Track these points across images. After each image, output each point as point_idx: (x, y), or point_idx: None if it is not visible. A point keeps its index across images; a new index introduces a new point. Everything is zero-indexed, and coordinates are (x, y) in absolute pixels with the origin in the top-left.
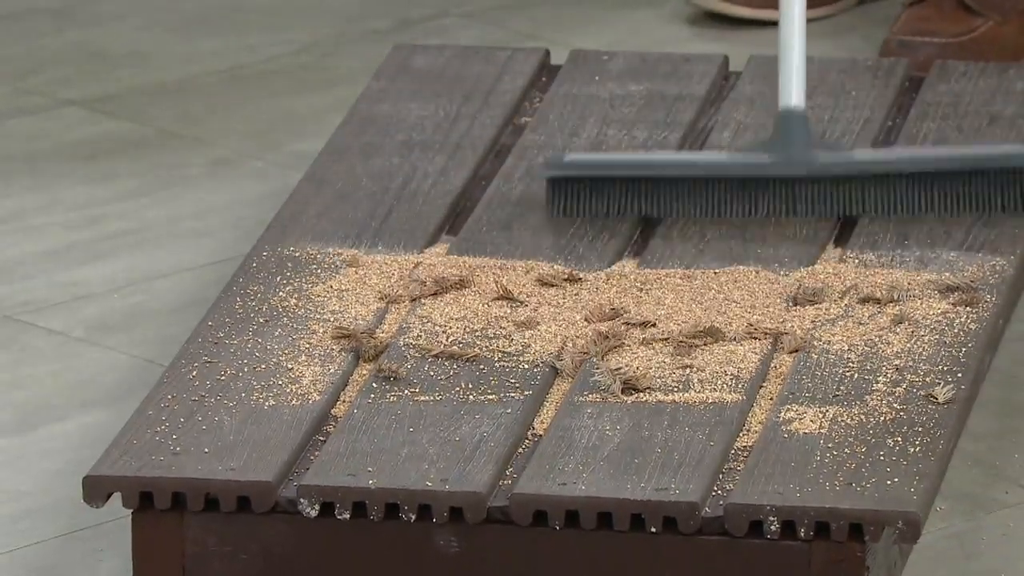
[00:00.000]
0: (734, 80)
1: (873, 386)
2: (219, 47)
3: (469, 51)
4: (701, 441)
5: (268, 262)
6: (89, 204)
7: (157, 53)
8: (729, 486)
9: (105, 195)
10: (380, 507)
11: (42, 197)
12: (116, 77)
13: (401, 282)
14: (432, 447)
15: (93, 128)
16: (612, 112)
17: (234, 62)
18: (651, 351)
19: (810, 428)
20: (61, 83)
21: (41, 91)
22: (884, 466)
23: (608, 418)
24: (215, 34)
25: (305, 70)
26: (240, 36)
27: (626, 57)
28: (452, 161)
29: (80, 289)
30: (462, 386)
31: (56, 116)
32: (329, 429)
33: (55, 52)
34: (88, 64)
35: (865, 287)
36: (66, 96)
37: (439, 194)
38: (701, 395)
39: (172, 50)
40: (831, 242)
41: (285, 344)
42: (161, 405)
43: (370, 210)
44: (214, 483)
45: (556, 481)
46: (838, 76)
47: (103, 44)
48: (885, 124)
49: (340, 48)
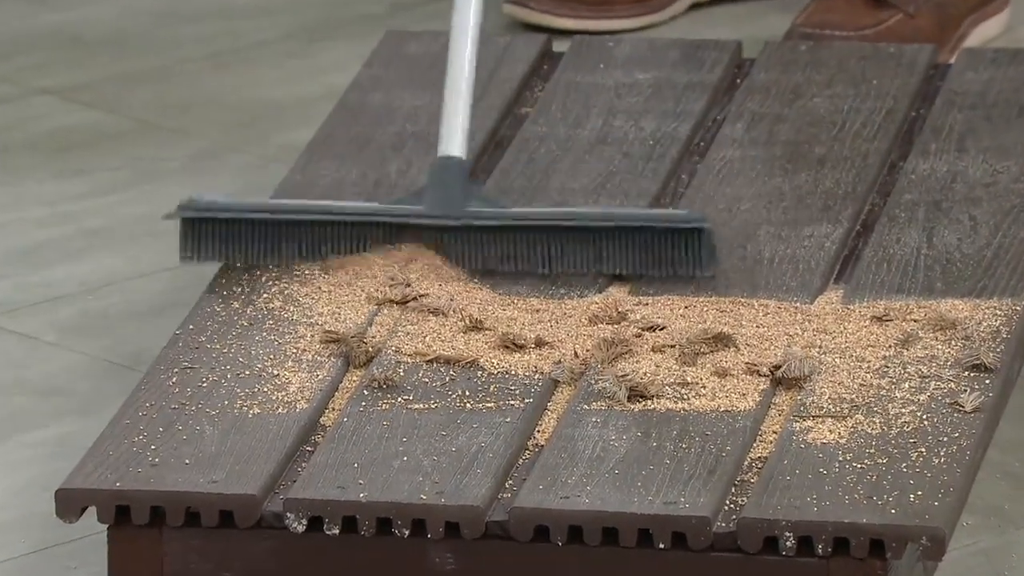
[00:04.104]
0: (748, 67)
1: (895, 393)
2: (201, 32)
3: None
4: (713, 452)
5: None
6: (62, 199)
7: (135, 38)
8: (742, 500)
9: (79, 190)
10: (371, 522)
11: (11, 192)
12: (92, 64)
13: (392, 282)
14: (427, 458)
15: (67, 118)
16: (618, 102)
17: (217, 48)
18: (659, 356)
19: (828, 438)
20: (33, 70)
21: (12, 79)
22: (907, 478)
23: (614, 427)
24: (196, 19)
25: (292, 57)
26: (223, 20)
27: (633, 43)
28: None
29: (52, 290)
30: (459, 393)
31: (27, 105)
32: (317, 439)
33: (27, 37)
34: (62, 50)
35: (880, 306)
36: (38, 84)
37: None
38: (712, 403)
39: (151, 35)
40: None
41: (270, 349)
42: (139, 414)
43: None
44: (195, 496)
45: (558, 494)
46: (858, 63)
47: (78, 28)
48: (909, 115)
49: (329, 33)
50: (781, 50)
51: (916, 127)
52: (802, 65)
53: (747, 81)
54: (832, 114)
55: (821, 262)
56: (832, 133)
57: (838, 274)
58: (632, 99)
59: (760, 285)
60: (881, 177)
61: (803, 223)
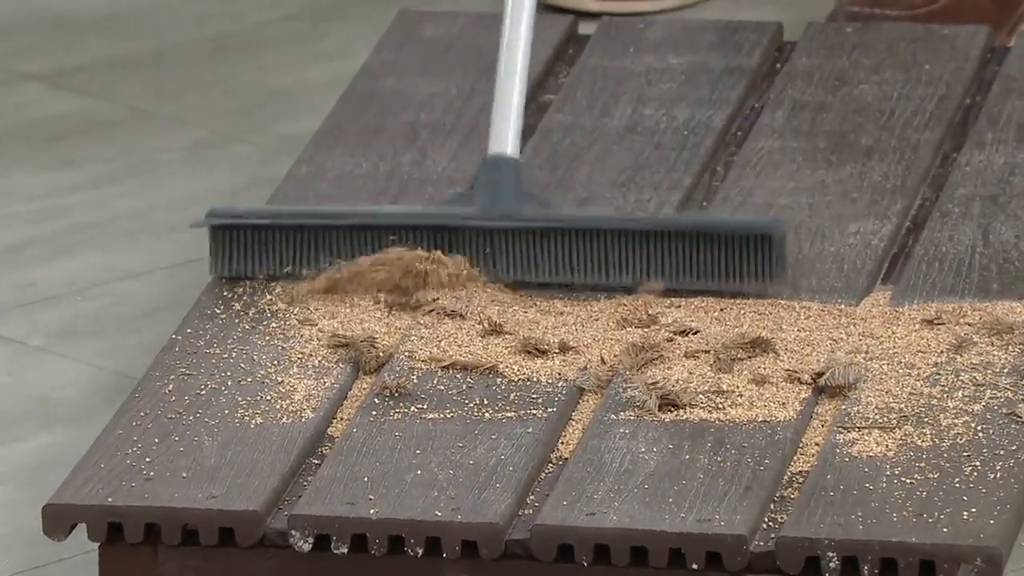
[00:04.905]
0: (789, 51)
1: (947, 403)
2: (199, 13)
3: (485, 18)
4: (750, 465)
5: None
6: (51, 193)
7: (128, 20)
8: (782, 517)
9: (69, 183)
10: (383, 540)
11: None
12: (82, 47)
13: (407, 281)
14: (442, 472)
15: (55, 106)
16: (649, 88)
17: (216, 30)
18: (693, 362)
19: (875, 451)
20: (19, 54)
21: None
22: (960, 494)
23: (643, 438)
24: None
25: (297, 40)
26: (223, 1)
27: (665, 25)
28: (465, 146)
29: (40, 290)
30: (476, 402)
31: (13, 92)
32: (325, 451)
33: (12, 19)
34: (50, 33)
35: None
36: (25, 69)
37: (450, 183)
38: (750, 413)
39: (145, 16)
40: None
41: (274, 354)
42: (132, 424)
43: (371, 201)
44: (193, 513)
45: (584, 511)
46: (909, 46)
47: (67, 10)
48: (963, 102)
49: (337, 14)
50: (825, 32)
51: (971, 116)
52: (848, 49)
53: (788, 66)
54: (880, 102)
55: (868, 261)
56: (880, 122)
57: (886, 274)
58: (664, 85)
59: (802, 286)
60: (933, 170)
61: (848, 219)
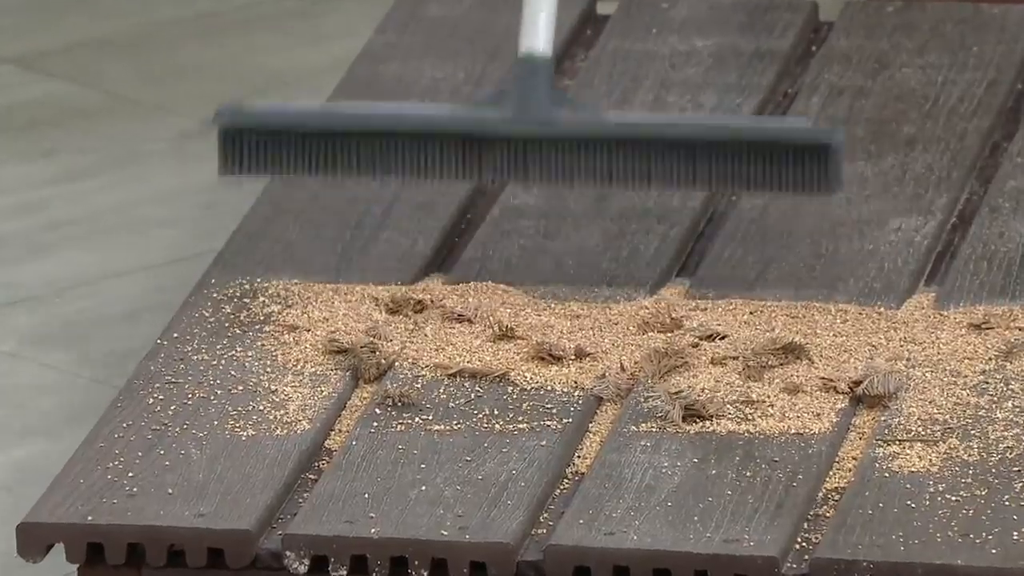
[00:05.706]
0: (825, 32)
1: (996, 414)
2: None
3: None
4: (782, 481)
5: (244, 259)
6: (26, 186)
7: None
8: (816, 537)
9: (45, 175)
10: (385, 562)
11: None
12: (58, 28)
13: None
14: (449, 488)
15: (31, 91)
16: (673, 73)
17: (204, 9)
18: (720, 370)
19: (917, 466)
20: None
21: None
22: (1010, 513)
23: (666, 452)
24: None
25: (293, 20)
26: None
27: (691, 4)
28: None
29: (14, 292)
30: (486, 413)
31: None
32: (322, 465)
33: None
34: (24, 11)
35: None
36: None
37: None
38: (782, 424)
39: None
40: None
41: (267, 360)
42: (114, 435)
43: (373, 194)
44: (180, 532)
45: (601, 530)
46: (955, 28)
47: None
48: (1014, 88)
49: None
50: (865, 11)
51: (1023, 102)
52: (889, 29)
53: (824, 48)
54: (924, 87)
55: (910, 260)
56: (924, 109)
57: (930, 274)
58: (690, 70)
59: (838, 287)
60: (981, 161)
61: (889, 215)
